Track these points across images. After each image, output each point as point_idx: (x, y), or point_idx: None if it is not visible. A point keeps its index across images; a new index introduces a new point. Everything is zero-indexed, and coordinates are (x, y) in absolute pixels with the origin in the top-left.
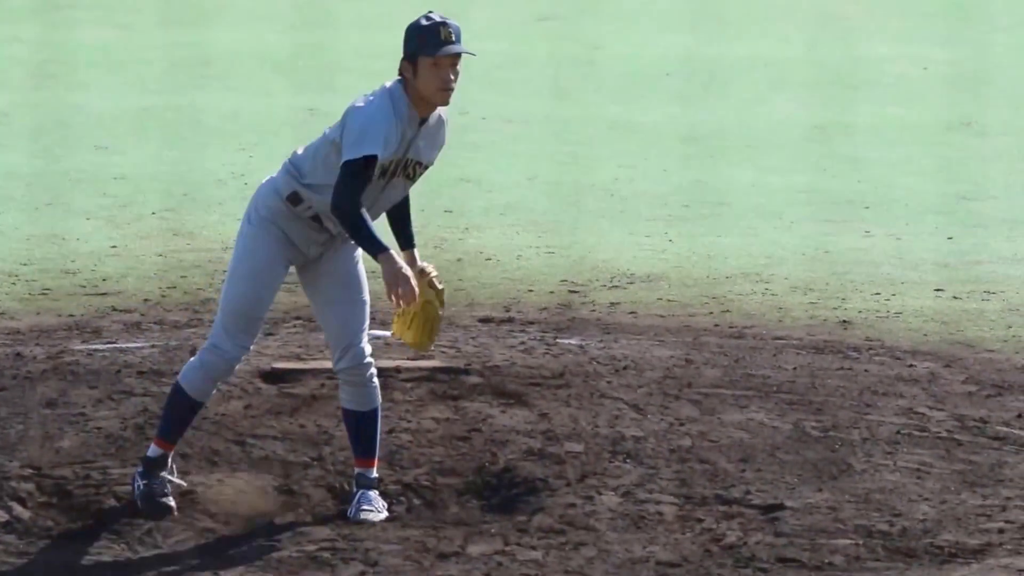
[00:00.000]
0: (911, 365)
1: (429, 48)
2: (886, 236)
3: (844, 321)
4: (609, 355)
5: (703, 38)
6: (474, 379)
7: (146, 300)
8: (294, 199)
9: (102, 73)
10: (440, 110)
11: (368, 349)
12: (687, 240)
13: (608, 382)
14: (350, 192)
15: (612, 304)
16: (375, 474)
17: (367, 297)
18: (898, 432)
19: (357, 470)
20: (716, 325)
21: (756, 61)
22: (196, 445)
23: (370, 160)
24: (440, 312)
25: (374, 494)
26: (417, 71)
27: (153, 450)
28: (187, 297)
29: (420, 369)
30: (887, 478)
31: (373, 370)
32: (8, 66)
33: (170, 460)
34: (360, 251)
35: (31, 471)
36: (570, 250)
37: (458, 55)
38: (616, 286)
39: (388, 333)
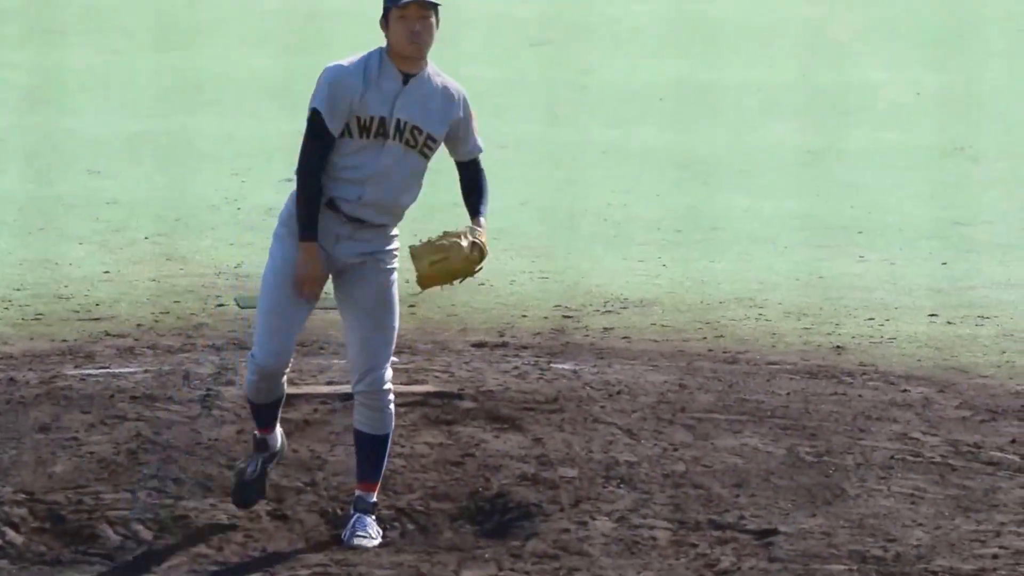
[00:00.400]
0: (905, 390)
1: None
2: (880, 261)
3: (838, 346)
4: (603, 380)
5: (696, 63)
6: (468, 404)
7: (139, 325)
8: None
9: (95, 98)
10: (453, 84)
11: (388, 375)
12: (681, 265)
13: (602, 407)
14: (304, 153)
15: (606, 329)
16: (374, 499)
17: (395, 324)
18: (892, 457)
19: (357, 492)
20: (710, 350)
21: (749, 86)
22: (189, 470)
23: (316, 115)
24: (457, 267)
25: (370, 519)
26: (389, 25)
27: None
28: (180, 322)
29: (413, 394)
30: (881, 503)
31: (391, 396)
32: (0, 90)
33: (274, 439)
34: (395, 276)
35: (24, 496)
36: (564, 275)
37: (427, 6)
38: (610, 311)
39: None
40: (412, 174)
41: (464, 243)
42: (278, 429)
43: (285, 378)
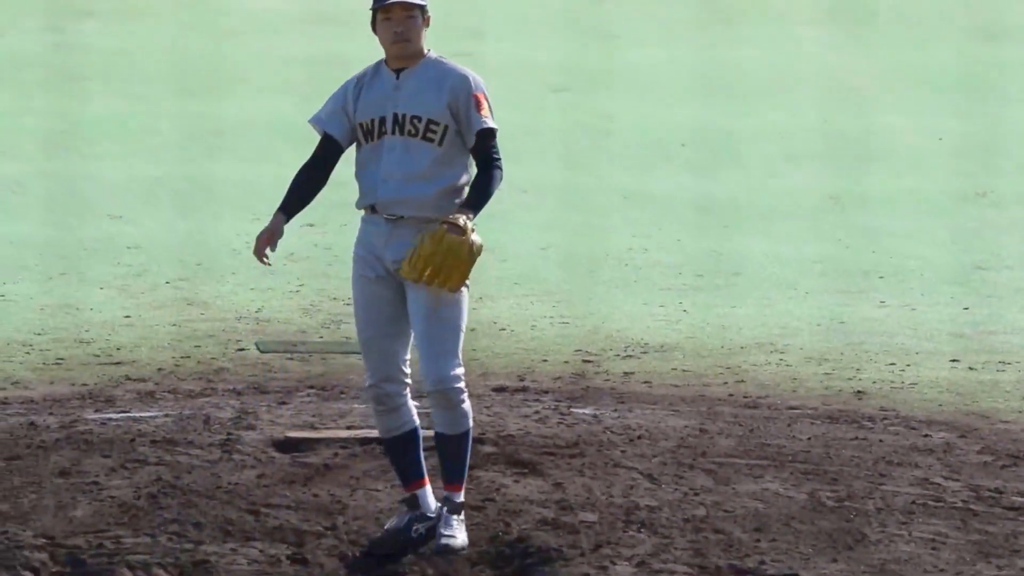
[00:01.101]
0: (926, 435)
1: (377, 1)
2: (901, 306)
3: (859, 391)
4: (623, 424)
5: (717, 109)
6: (488, 448)
7: (160, 369)
8: (358, 207)
9: (115, 143)
10: (456, 70)
11: (458, 371)
12: (701, 310)
13: (622, 451)
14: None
15: (626, 374)
16: (461, 498)
17: (460, 323)
18: (913, 502)
19: (444, 493)
20: (730, 395)
21: (770, 132)
22: (209, 514)
23: (314, 124)
24: (466, 247)
25: (456, 519)
26: (376, 28)
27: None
28: (200, 367)
29: (431, 438)
30: (902, 548)
31: (464, 395)
32: (21, 136)
33: (424, 500)
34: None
35: (44, 540)
36: (584, 320)
37: (409, 6)
38: (630, 356)
39: None
40: (429, 162)
41: (424, 235)
42: (429, 493)
43: (413, 410)
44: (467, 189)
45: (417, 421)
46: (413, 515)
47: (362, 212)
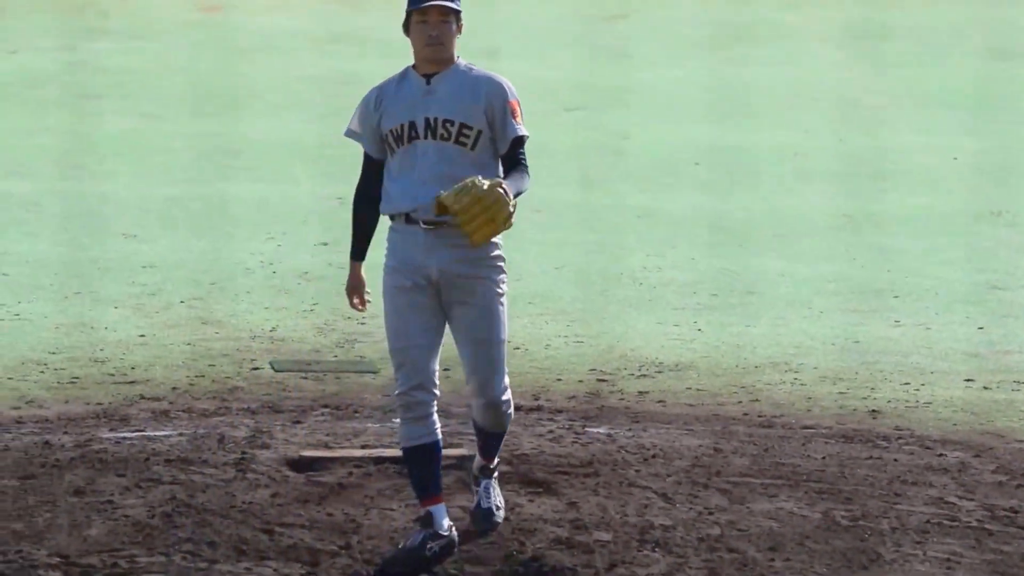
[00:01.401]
0: (941, 455)
1: (413, 3)
2: (915, 326)
3: (873, 411)
4: (638, 444)
5: (731, 128)
6: (502, 467)
7: (174, 388)
8: (389, 216)
9: (130, 162)
10: (488, 76)
11: (503, 384)
12: (716, 329)
13: (636, 471)
14: (358, 180)
15: (640, 393)
16: (495, 464)
17: (504, 336)
18: (928, 522)
19: (481, 462)
20: (745, 414)
21: (784, 151)
22: (224, 534)
23: (352, 138)
24: (479, 196)
25: (495, 485)
26: (410, 30)
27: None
28: (215, 386)
29: (448, 457)
30: (917, 568)
31: (509, 406)
32: (36, 156)
33: (439, 518)
34: (502, 290)
35: (59, 559)
36: (598, 339)
37: (443, 10)
38: (644, 375)
39: None
40: (464, 165)
41: (481, 181)
42: (444, 512)
43: (438, 422)
44: None
45: (440, 435)
46: (427, 533)
47: (392, 221)
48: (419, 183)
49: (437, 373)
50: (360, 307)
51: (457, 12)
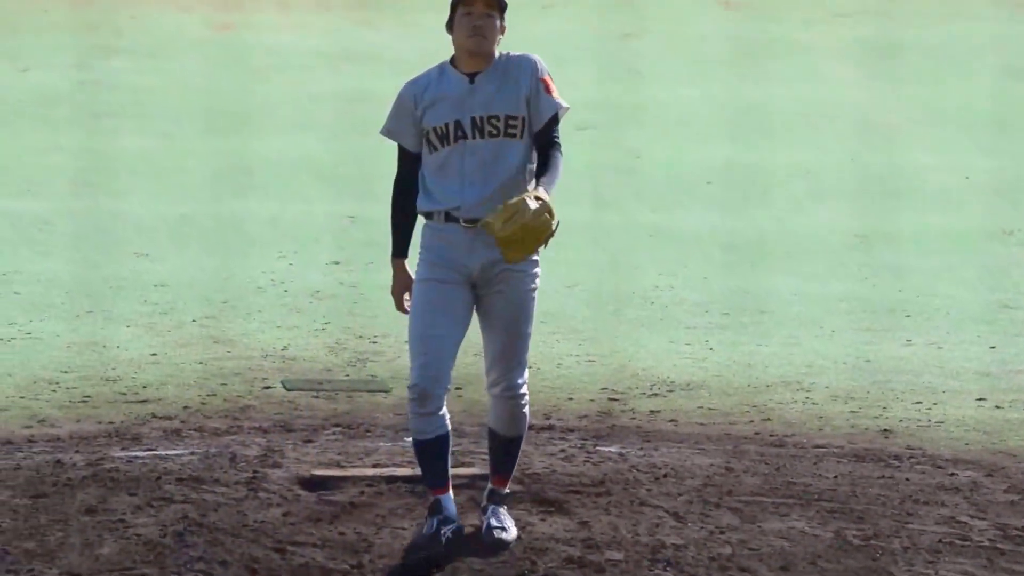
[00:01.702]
0: (953, 474)
1: None
2: (927, 345)
3: (885, 430)
4: (649, 463)
5: (744, 147)
6: (514, 486)
7: (186, 407)
8: (426, 214)
9: (143, 181)
10: (519, 58)
11: (524, 377)
12: (728, 348)
13: (648, 490)
14: (396, 175)
15: (652, 412)
16: (508, 490)
17: (530, 331)
18: (940, 541)
19: (490, 486)
20: (757, 433)
21: (797, 169)
22: (235, 553)
23: (389, 136)
24: (528, 220)
25: (504, 510)
26: (454, 25)
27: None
28: (227, 404)
29: (460, 476)
30: None
31: (526, 400)
32: (49, 174)
33: (449, 504)
34: (535, 285)
35: None
36: (610, 358)
37: (491, 4)
38: (656, 394)
39: None
40: (508, 159)
41: (530, 201)
42: (451, 498)
43: (446, 415)
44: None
45: (449, 427)
46: (438, 519)
47: (428, 220)
48: (467, 182)
49: (452, 369)
50: (407, 310)
51: (502, 9)
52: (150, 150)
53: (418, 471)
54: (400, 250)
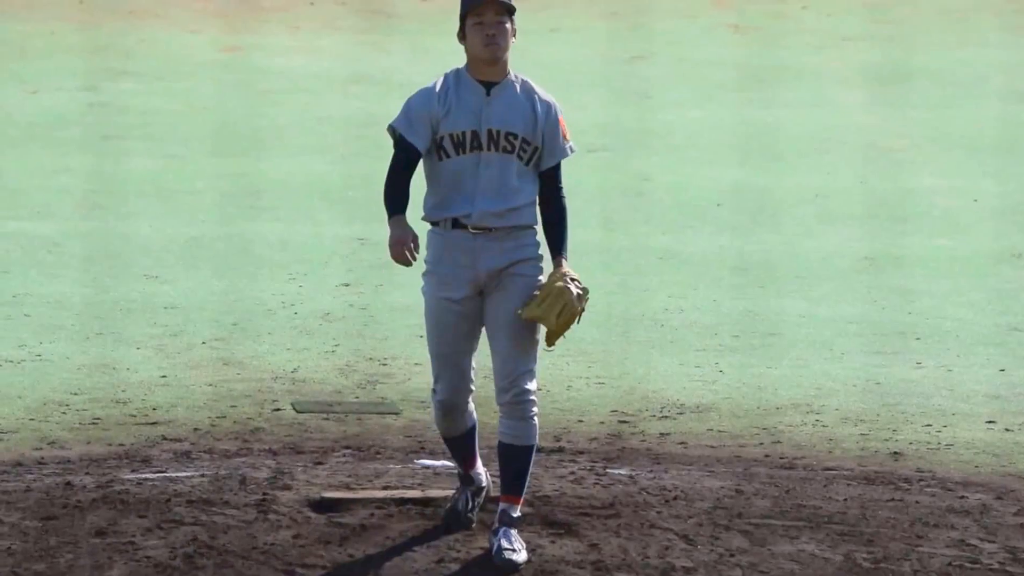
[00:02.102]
0: (962, 497)
1: (469, 4)
2: (937, 367)
3: (895, 452)
4: (659, 485)
5: (753, 170)
6: (524, 509)
7: (196, 429)
8: (432, 221)
9: (152, 203)
10: (541, 93)
11: (533, 385)
12: (737, 371)
13: (658, 512)
14: (389, 167)
15: (662, 434)
16: (519, 512)
17: (538, 336)
18: (950, 564)
19: (501, 505)
20: (766, 456)
21: (806, 193)
22: (245, 575)
23: (395, 134)
24: (578, 309)
25: (515, 532)
26: (466, 34)
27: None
28: (237, 427)
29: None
30: None
31: (535, 409)
32: (58, 196)
33: (478, 475)
34: (537, 290)
35: None
36: (620, 380)
37: (500, 10)
38: (666, 416)
39: (438, 463)
40: (517, 177)
41: (571, 288)
42: (480, 466)
43: (472, 407)
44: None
45: (475, 417)
46: (469, 490)
47: (433, 226)
48: (479, 193)
49: (473, 373)
50: (409, 261)
51: (511, 12)
52: (159, 172)
53: (428, 494)
54: (399, 207)
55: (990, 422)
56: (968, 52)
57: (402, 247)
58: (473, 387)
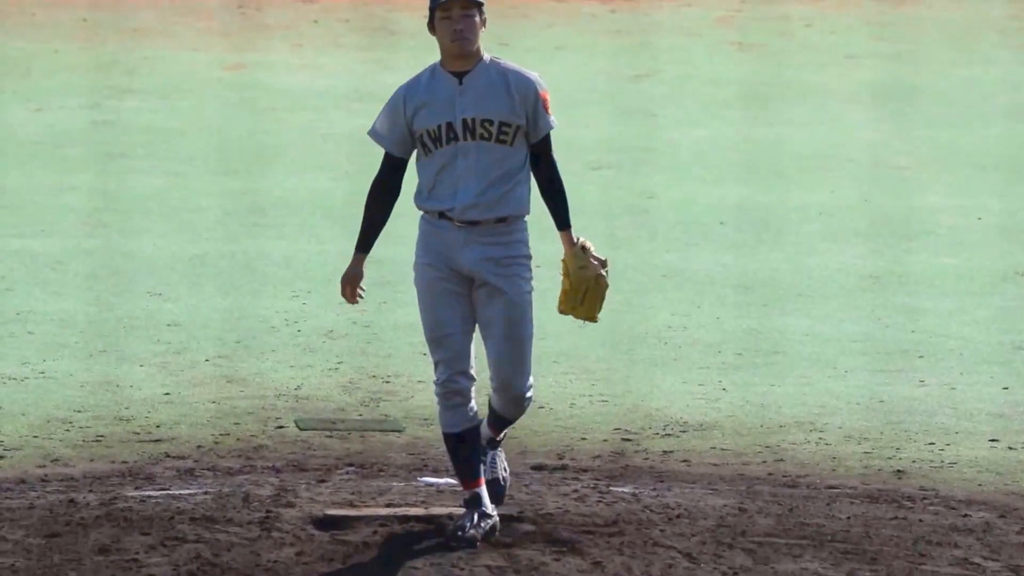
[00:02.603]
0: (966, 515)
1: (435, 1)
2: (941, 386)
3: (898, 471)
4: (662, 503)
5: (757, 188)
6: (527, 527)
7: (199, 447)
8: (423, 208)
9: (156, 221)
10: (518, 72)
11: (526, 383)
12: (741, 389)
13: (661, 530)
14: (377, 173)
15: (665, 452)
16: (500, 437)
17: (530, 333)
18: None
19: (490, 435)
20: (770, 474)
21: (810, 210)
22: None
23: (376, 141)
24: (606, 281)
25: (500, 453)
26: (435, 27)
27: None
28: (240, 444)
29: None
30: None
31: (530, 402)
32: (62, 214)
33: (484, 496)
34: (529, 287)
35: None
36: (623, 398)
37: (465, 4)
38: (669, 434)
39: (442, 480)
40: (500, 163)
41: (603, 274)
42: (485, 490)
43: (475, 407)
44: (527, 175)
45: (479, 419)
46: (477, 512)
47: (424, 214)
48: (460, 185)
49: (474, 358)
50: (351, 300)
51: (480, 5)
52: (163, 190)
53: (431, 511)
54: (364, 245)
55: (993, 440)
56: (973, 70)
57: (349, 286)
58: (474, 373)
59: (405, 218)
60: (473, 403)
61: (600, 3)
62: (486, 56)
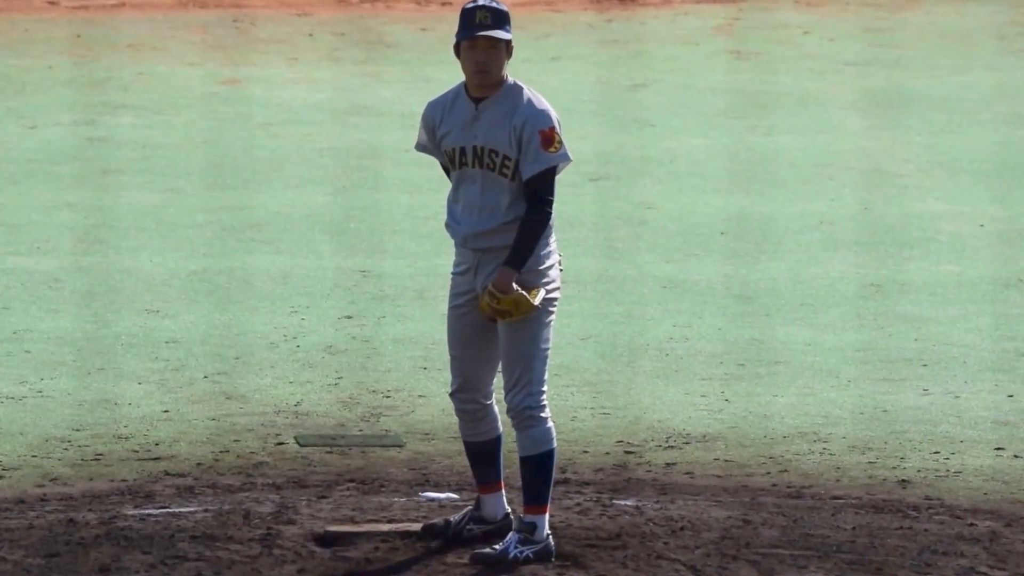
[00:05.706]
0: (971, 524)
1: (463, 31)
2: (944, 394)
3: (903, 480)
4: (666, 516)
5: (756, 197)
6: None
7: (199, 464)
8: (447, 230)
9: (152, 237)
10: (527, 104)
11: (530, 399)
12: (743, 400)
13: (665, 543)
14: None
15: (668, 464)
16: (538, 526)
17: (533, 351)
18: None
19: (524, 517)
20: (774, 485)
21: (810, 219)
22: None
23: (424, 152)
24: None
25: (521, 537)
26: (460, 54)
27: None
28: (240, 461)
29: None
30: None
31: (539, 418)
32: (58, 231)
33: (488, 505)
34: (546, 306)
35: None
36: (625, 410)
37: (492, 39)
38: (672, 446)
39: (443, 495)
40: (505, 194)
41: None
42: (495, 502)
43: (497, 418)
44: None
45: (500, 431)
46: (474, 514)
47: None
48: (465, 211)
49: (491, 382)
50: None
51: (508, 40)
52: (159, 206)
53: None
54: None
55: (999, 449)
56: (972, 76)
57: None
58: (484, 400)
59: (402, 233)
60: (489, 417)
61: (596, 13)
62: (510, 80)
